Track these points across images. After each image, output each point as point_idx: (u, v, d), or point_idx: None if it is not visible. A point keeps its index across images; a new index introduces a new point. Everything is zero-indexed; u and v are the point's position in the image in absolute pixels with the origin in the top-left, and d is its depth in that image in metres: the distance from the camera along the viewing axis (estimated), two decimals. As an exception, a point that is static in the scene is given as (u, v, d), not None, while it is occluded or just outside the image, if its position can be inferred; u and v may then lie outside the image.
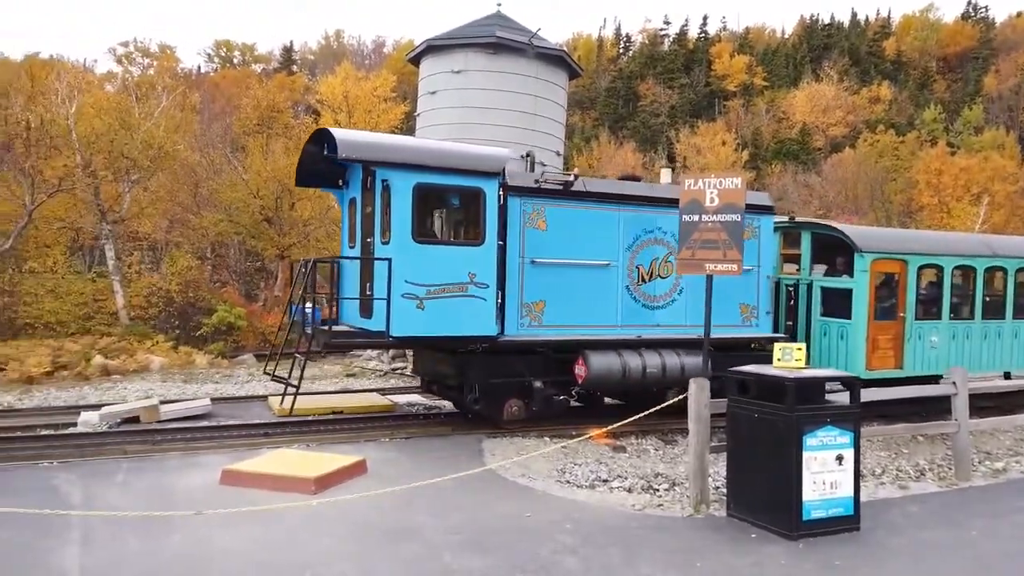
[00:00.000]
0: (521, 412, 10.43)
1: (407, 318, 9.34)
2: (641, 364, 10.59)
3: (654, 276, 11.19)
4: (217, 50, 72.68)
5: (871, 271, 11.70)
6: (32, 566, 5.48)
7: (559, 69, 21.12)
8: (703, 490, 7.25)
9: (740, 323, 11.73)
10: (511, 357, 10.35)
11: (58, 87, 23.14)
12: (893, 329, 12.15)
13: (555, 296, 10.45)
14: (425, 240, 9.71)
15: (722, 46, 77.00)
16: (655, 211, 11.15)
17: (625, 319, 10.97)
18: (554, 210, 10.46)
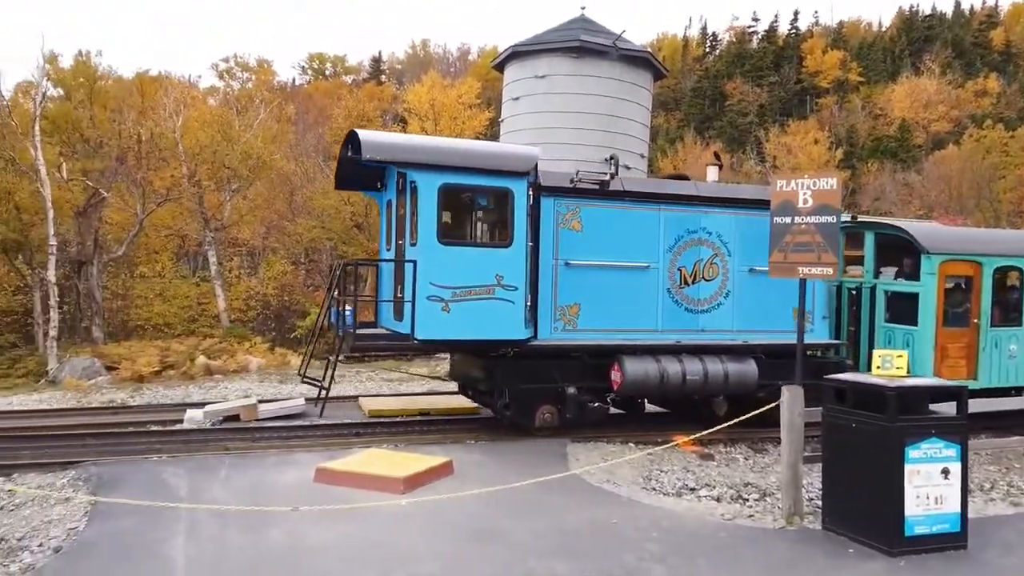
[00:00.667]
0: (554, 419, 10.10)
1: (432, 321, 9.18)
2: (680, 371, 10.17)
3: (698, 279, 10.73)
4: (310, 63, 75.41)
5: (939, 274, 10.90)
6: (144, 555, 5.83)
7: (644, 71, 20.86)
8: (796, 501, 7.02)
9: (793, 328, 11.14)
10: (544, 362, 10.08)
11: (166, 102, 24.54)
12: (965, 337, 11.26)
13: (590, 299, 10.14)
14: (451, 241, 9.51)
15: (814, 41, 74.34)
16: (699, 210, 10.74)
17: (666, 323, 10.56)
18: (590, 210, 10.17)
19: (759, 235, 10.81)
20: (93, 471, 8.14)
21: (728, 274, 10.87)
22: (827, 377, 6.97)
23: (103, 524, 6.43)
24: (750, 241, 10.86)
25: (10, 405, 14.43)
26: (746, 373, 10.49)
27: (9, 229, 23.04)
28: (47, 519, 6.71)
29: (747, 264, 10.90)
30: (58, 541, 6.12)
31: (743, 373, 10.47)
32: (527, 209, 9.65)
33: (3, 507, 7.38)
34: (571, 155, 19.37)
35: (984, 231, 16.64)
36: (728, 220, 10.90)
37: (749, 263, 10.88)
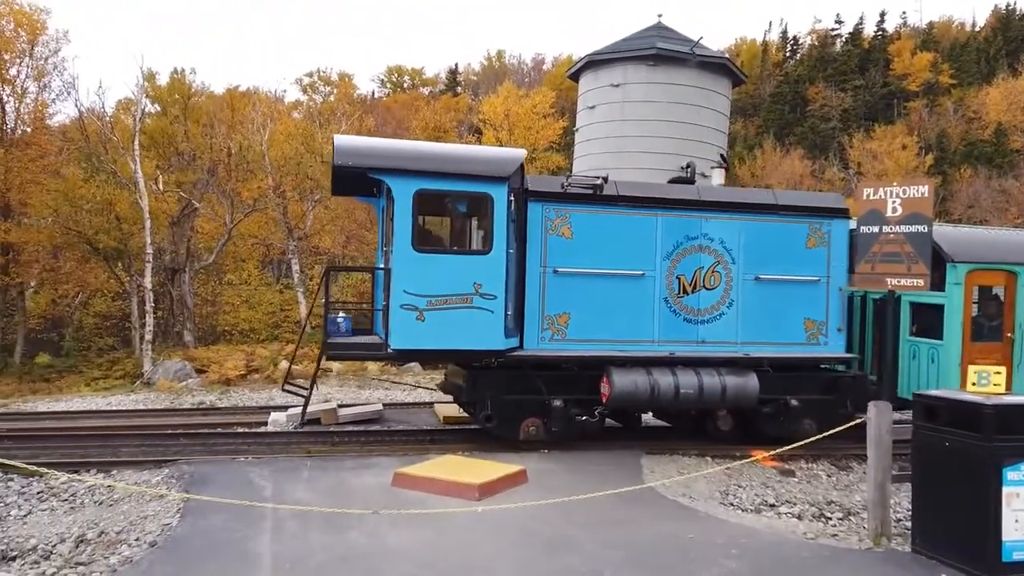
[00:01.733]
0: (540, 432, 9.82)
1: (406, 330, 8.97)
2: (673, 384, 9.73)
3: (698, 287, 10.27)
4: (389, 76, 77.17)
5: (966, 284, 10.14)
6: (233, 551, 6.07)
7: (721, 77, 20.58)
8: (884, 522, 6.75)
9: (805, 341, 10.58)
10: (530, 373, 9.82)
11: (254, 117, 25.60)
12: (998, 352, 10.37)
13: (581, 308, 9.84)
14: (426, 248, 9.24)
15: (902, 43, 71.39)
16: (700, 216, 10.30)
17: (663, 334, 10.14)
18: (581, 216, 9.85)
19: (766, 242, 10.50)
20: (185, 469, 8.55)
21: (732, 283, 10.40)
22: (917, 393, 6.67)
23: (194, 520, 6.73)
24: (756, 248, 10.45)
25: (109, 405, 15.31)
26: (746, 387, 10.00)
27: (110, 238, 24.48)
28: (143, 514, 7.07)
29: (753, 272, 10.43)
30: (153, 536, 6.44)
31: (742, 387, 9.98)
32: (508, 215, 9.33)
33: (103, 502, 7.81)
34: (647, 163, 19.27)
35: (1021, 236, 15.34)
36: (732, 226, 10.41)
37: (755, 271, 10.43)
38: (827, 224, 10.65)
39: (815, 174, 55.83)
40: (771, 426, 10.43)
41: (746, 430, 10.63)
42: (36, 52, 29.04)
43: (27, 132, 29.12)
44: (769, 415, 10.41)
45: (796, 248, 10.54)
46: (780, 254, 10.49)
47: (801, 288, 10.48)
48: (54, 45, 29.43)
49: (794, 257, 10.52)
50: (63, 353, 27.53)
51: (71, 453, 9.48)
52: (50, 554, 6.24)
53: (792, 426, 10.26)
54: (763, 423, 10.48)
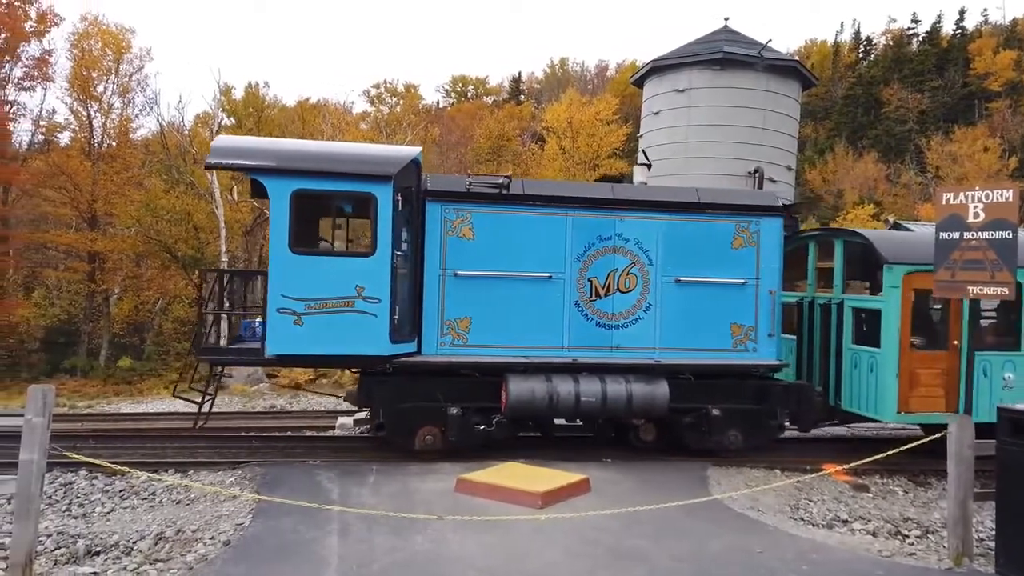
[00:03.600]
0: (437, 442, 9.40)
1: (284, 335, 8.66)
2: (574, 391, 9.28)
3: (612, 291, 9.74)
4: (453, 85, 78.18)
5: (904, 287, 9.44)
6: (302, 552, 6.22)
7: (791, 80, 20.13)
8: (965, 541, 6.44)
9: (731, 347, 9.96)
10: (427, 379, 9.44)
11: (323, 128, 26.30)
12: (943, 361, 9.61)
13: (483, 313, 9.44)
14: (305, 250, 8.84)
15: (983, 42, 68.36)
16: (614, 215, 9.79)
17: (574, 340, 9.68)
18: (484, 216, 9.45)
19: (687, 242, 9.92)
20: (257, 471, 8.81)
21: (649, 285, 9.87)
22: (1002, 407, 6.36)
23: (266, 521, 6.93)
24: (676, 249, 9.91)
25: (187, 407, 15.89)
26: (654, 396, 9.48)
27: (188, 247, 25.50)
28: (217, 514, 7.32)
29: (672, 274, 9.90)
30: (227, 535, 6.66)
31: (650, 396, 9.46)
32: (395, 216, 8.95)
33: (180, 501, 8.13)
34: (712, 169, 18.96)
35: None
36: (650, 225, 9.89)
37: (675, 273, 9.90)
38: (756, 223, 10.02)
39: (890, 178, 53.94)
40: (692, 437, 9.95)
41: (669, 441, 10.17)
42: (121, 70, 30.56)
43: (113, 146, 30.67)
44: (690, 425, 9.92)
45: (721, 248, 9.97)
46: (703, 255, 9.93)
47: (726, 291, 9.91)
48: (138, 63, 30.97)
49: (719, 258, 9.95)
50: (144, 357, 28.82)
51: (151, 453, 9.90)
52: (131, 550, 6.52)
53: (715, 437, 9.82)
54: (683, 433, 9.99)
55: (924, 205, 41.61)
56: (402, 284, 9.25)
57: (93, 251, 28.51)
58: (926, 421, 9.96)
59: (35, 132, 33.52)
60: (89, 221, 29.20)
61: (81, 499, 8.24)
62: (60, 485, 8.57)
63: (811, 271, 11.41)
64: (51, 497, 8.15)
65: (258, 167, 8.97)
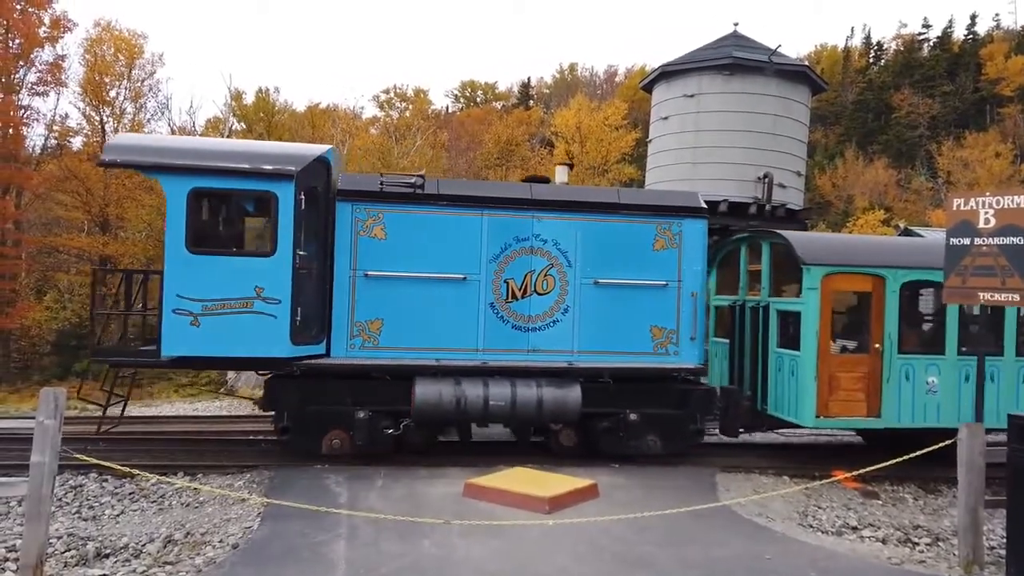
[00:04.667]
0: (345, 446, 9.26)
1: (180, 336, 8.49)
2: (482, 395, 9.12)
3: (529, 292, 9.58)
4: (462, 91, 78.41)
5: (823, 289, 9.35)
6: (309, 555, 6.24)
7: (800, 85, 20.08)
8: (976, 548, 6.40)
9: (652, 350, 9.81)
10: (335, 382, 9.27)
11: (333, 133, 26.44)
12: (864, 365, 9.51)
13: (395, 314, 9.29)
14: (202, 250, 8.63)
15: (995, 46, 68.04)
16: (532, 215, 9.64)
17: (489, 342, 9.52)
18: (396, 216, 9.33)
19: (607, 243, 9.79)
20: (266, 475, 8.84)
21: (567, 287, 9.71)
22: (1013, 415, 6.32)
23: (274, 524, 6.95)
24: (596, 250, 9.77)
25: (195, 411, 15.99)
26: (565, 400, 9.33)
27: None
28: (226, 517, 7.35)
29: (591, 276, 9.75)
30: (235, 538, 6.68)
31: (562, 400, 9.32)
32: (297, 215, 8.79)
33: (189, 504, 8.16)
34: (722, 174, 18.92)
35: (893, 239, 13.11)
36: (568, 226, 9.75)
37: (594, 275, 9.75)
38: (678, 224, 9.89)
39: (901, 184, 53.70)
40: (608, 442, 9.79)
41: (588, 447, 10.00)
42: (133, 75, 30.80)
43: (124, 151, 30.81)
44: (607, 430, 9.76)
45: (641, 250, 9.84)
46: (623, 256, 9.80)
47: (647, 293, 9.78)
48: (150, 68, 31.21)
49: (639, 260, 9.82)
50: (155, 360, 28.90)
51: (160, 456, 9.93)
52: (140, 553, 6.56)
53: (632, 442, 9.70)
54: (600, 438, 9.83)
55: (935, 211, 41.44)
56: (307, 285, 9.07)
57: (104, 255, 28.71)
58: (846, 426, 9.85)
59: (48, 137, 33.84)
60: (101, 225, 29.42)
61: (91, 501, 8.28)
62: (71, 487, 8.62)
63: (743, 274, 11.28)
64: (62, 499, 8.20)
65: (153, 165, 8.78)
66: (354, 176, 10.10)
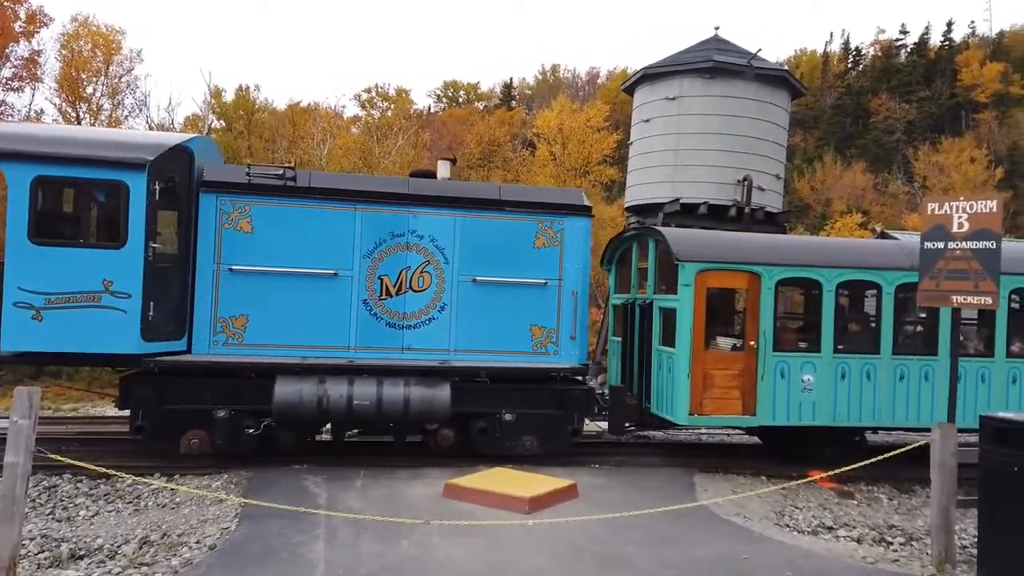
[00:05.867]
0: (205, 446, 8.97)
1: (21, 330, 8.16)
2: (346, 394, 8.89)
3: (404, 289, 9.43)
4: (445, 91, 78.25)
5: (697, 285, 9.33)
6: (288, 556, 6.20)
7: (780, 89, 20.28)
8: (948, 548, 6.50)
9: (531, 349, 9.70)
10: (194, 380, 8.96)
11: (314, 132, 26.28)
12: (739, 363, 9.50)
13: (262, 310, 9.07)
14: (46, 241, 8.28)
15: (970, 53, 69.15)
16: (408, 211, 9.49)
17: (362, 340, 9.34)
18: (264, 209, 9.11)
19: (486, 240, 9.73)
20: (244, 475, 8.78)
21: (444, 285, 9.60)
22: (985, 415, 6.42)
23: (252, 525, 6.90)
24: (474, 247, 9.66)
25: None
26: (433, 400, 9.13)
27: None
28: (203, 518, 7.29)
29: (470, 273, 9.63)
30: (213, 539, 6.62)
31: (429, 400, 9.12)
32: (147, 206, 8.46)
33: (165, 505, 8.08)
34: (703, 176, 19.06)
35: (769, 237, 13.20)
36: (446, 222, 9.61)
37: (472, 272, 9.63)
38: (560, 222, 9.78)
39: (878, 187, 54.37)
40: (484, 443, 9.59)
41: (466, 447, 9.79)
42: (111, 71, 30.45)
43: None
44: (483, 430, 9.58)
45: (522, 248, 9.72)
46: (503, 254, 9.69)
47: (527, 292, 9.67)
48: (128, 64, 30.84)
49: (519, 258, 9.70)
50: (130, 360, 28.56)
51: (136, 456, 9.80)
52: (115, 554, 6.48)
53: (507, 443, 9.54)
54: (475, 439, 9.64)
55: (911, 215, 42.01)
56: (163, 279, 8.79)
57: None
58: (719, 424, 9.80)
59: (23, 132, 33.29)
60: (77, 223, 28.98)
61: (65, 502, 8.17)
62: (44, 488, 8.50)
63: (634, 272, 11.28)
64: (35, 500, 8.08)
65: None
66: (221, 167, 9.75)
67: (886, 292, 9.80)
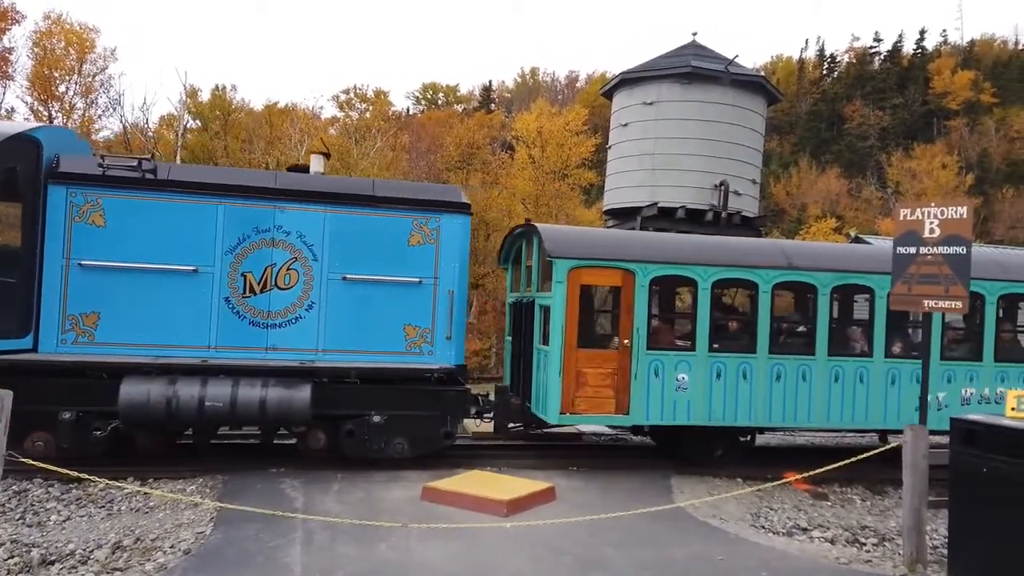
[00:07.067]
0: (50, 448, 8.55)
1: None
2: (197, 395, 8.52)
3: (269, 287, 9.11)
4: (424, 93, 78.15)
5: (570, 282, 9.20)
6: (264, 561, 6.15)
7: (756, 95, 20.51)
8: (919, 548, 6.61)
9: (404, 349, 9.43)
10: (39, 380, 8.47)
11: (291, 133, 26.11)
12: (613, 361, 9.39)
13: (115, 308, 8.72)
14: None
15: (942, 61, 70.43)
16: (275, 206, 9.19)
17: (223, 339, 9.02)
18: (118, 202, 8.75)
19: (358, 237, 9.40)
20: (219, 479, 8.68)
21: (312, 282, 9.29)
22: (954, 417, 6.54)
23: (227, 530, 6.83)
24: (345, 244, 9.38)
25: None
26: (292, 401, 8.76)
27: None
28: (178, 522, 7.20)
29: (339, 271, 9.34)
30: (187, 544, 6.55)
31: (288, 401, 8.75)
32: None
33: (139, 509, 7.96)
34: (680, 181, 19.22)
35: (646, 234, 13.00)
36: (315, 218, 9.32)
37: (342, 270, 9.34)
38: (436, 219, 9.53)
39: (852, 192, 55.13)
40: (351, 446, 9.30)
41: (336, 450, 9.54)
42: (84, 70, 30.02)
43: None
44: (350, 432, 9.28)
45: (396, 245, 9.46)
46: (375, 251, 9.41)
47: (401, 290, 9.41)
48: (102, 63, 30.42)
49: (393, 255, 9.44)
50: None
51: (109, 460, 9.66)
52: (87, 559, 6.38)
53: (375, 445, 9.27)
54: (344, 442, 9.32)
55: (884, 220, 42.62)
56: (6, 274, 8.46)
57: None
58: (592, 423, 9.67)
59: (-7, 131, 32.73)
60: None
61: (36, 507, 8.02)
62: (14, 493, 8.34)
63: (523, 270, 11.12)
64: (4, 505, 7.93)
65: None
66: (75, 158, 9.24)
67: (763, 291, 9.71)
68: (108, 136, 34.75)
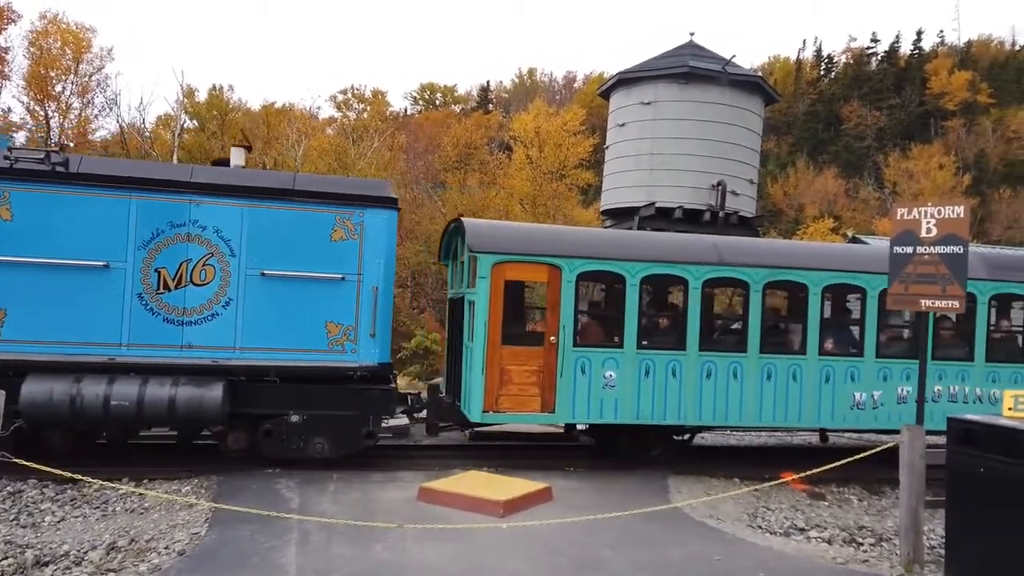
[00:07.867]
0: None
1: None
2: (102, 395, 8.35)
3: (184, 283, 8.89)
4: (421, 93, 78.11)
5: (494, 278, 9.04)
6: (259, 562, 6.12)
7: (754, 95, 20.51)
8: (916, 548, 6.60)
9: (327, 347, 9.21)
10: None
11: (289, 133, 26.09)
12: (539, 358, 9.20)
13: (21, 304, 8.51)
14: None
15: (939, 62, 70.49)
16: (190, 200, 8.95)
17: (136, 337, 8.76)
18: (26, 195, 8.53)
19: (277, 232, 9.19)
20: (214, 480, 8.65)
21: (229, 278, 9.05)
22: (952, 417, 6.53)
23: (222, 530, 6.80)
24: (264, 239, 9.14)
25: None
26: (202, 400, 8.57)
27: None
28: (172, 523, 7.17)
29: (258, 267, 9.11)
30: (182, 544, 6.52)
31: (198, 400, 8.56)
32: None
33: (134, 510, 7.94)
34: (678, 181, 19.21)
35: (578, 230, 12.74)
36: (232, 213, 9.08)
37: (261, 266, 9.10)
38: (360, 214, 9.31)
39: (849, 193, 55.19)
40: (269, 446, 9.14)
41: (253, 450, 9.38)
42: (81, 69, 29.95)
43: (70, 147, 30.00)
44: (268, 432, 9.13)
45: (317, 240, 9.23)
46: (296, 247, 9.18)
47: (322, 287, 9.19)
48: (98, 63, 30.37)
49: (315, 251, 9.21)
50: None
51: (104, 461, 9.63)
52: (82, 560, 6.35)
53: (294, 445, 9.12)
54: (262, 442, 9.16)
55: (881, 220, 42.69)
56: None
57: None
58: (516, 421, 9.53)
59: (-11, 130, 32.65)
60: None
61: (30, 508, 7.99)
62: (8, 494, 8.31)
63: (458, 265, 10.90)
64: (-1, 506, 7.91)
65: None
66: None
67: (692, 287, 9.58)
68: (105, 136, 34.74)
